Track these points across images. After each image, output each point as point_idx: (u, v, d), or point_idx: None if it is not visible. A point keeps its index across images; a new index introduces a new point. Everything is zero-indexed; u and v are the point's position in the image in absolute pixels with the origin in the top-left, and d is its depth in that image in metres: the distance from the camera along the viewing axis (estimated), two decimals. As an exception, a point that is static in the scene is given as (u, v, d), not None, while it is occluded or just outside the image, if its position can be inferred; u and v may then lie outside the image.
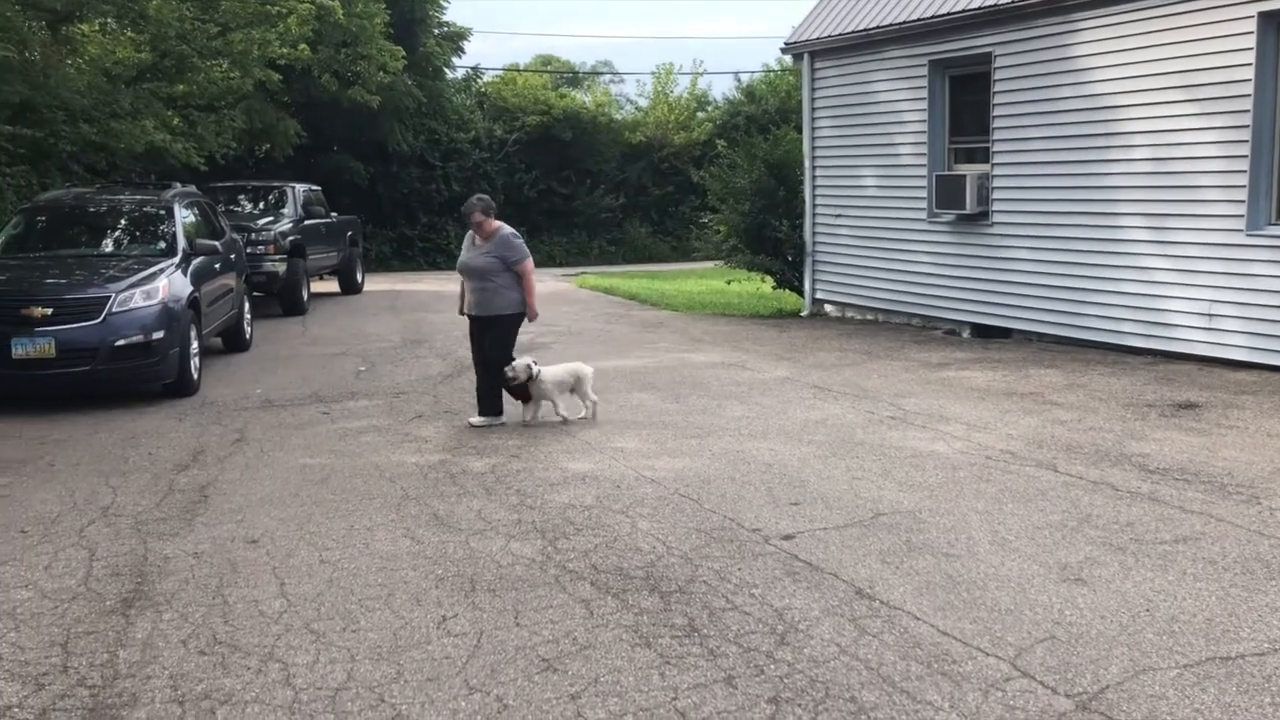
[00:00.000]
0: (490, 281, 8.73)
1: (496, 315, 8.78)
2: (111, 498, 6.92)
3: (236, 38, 18.46)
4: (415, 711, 3.98)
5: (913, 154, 13.90)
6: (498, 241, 8.78)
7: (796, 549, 5.61)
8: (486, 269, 8.74)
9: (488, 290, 8.74)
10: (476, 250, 8.82)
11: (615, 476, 7.10)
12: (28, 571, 5.56)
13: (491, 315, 8.79)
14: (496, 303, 8.77)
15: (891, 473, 7.03)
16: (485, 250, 8.76)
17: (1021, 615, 4.70)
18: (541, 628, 4.69)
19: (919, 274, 13.92)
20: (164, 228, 11.69)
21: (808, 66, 15.71)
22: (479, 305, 8.84)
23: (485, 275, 8.74)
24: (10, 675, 4.35)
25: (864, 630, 4.58)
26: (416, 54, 27.51)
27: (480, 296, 8.79)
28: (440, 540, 5.90)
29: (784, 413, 8.97)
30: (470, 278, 8.84)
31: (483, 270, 8.75)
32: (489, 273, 8.74)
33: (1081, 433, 8.00)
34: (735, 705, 3.97)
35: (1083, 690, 4.01)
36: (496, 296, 8.76)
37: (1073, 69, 11.65)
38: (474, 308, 8.89)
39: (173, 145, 17.08)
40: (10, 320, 9.62)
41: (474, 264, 8.78)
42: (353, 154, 27.61)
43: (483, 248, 8.79)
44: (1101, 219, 11.44)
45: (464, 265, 8.91)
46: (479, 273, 8.77)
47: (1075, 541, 5.63)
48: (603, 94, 36.47)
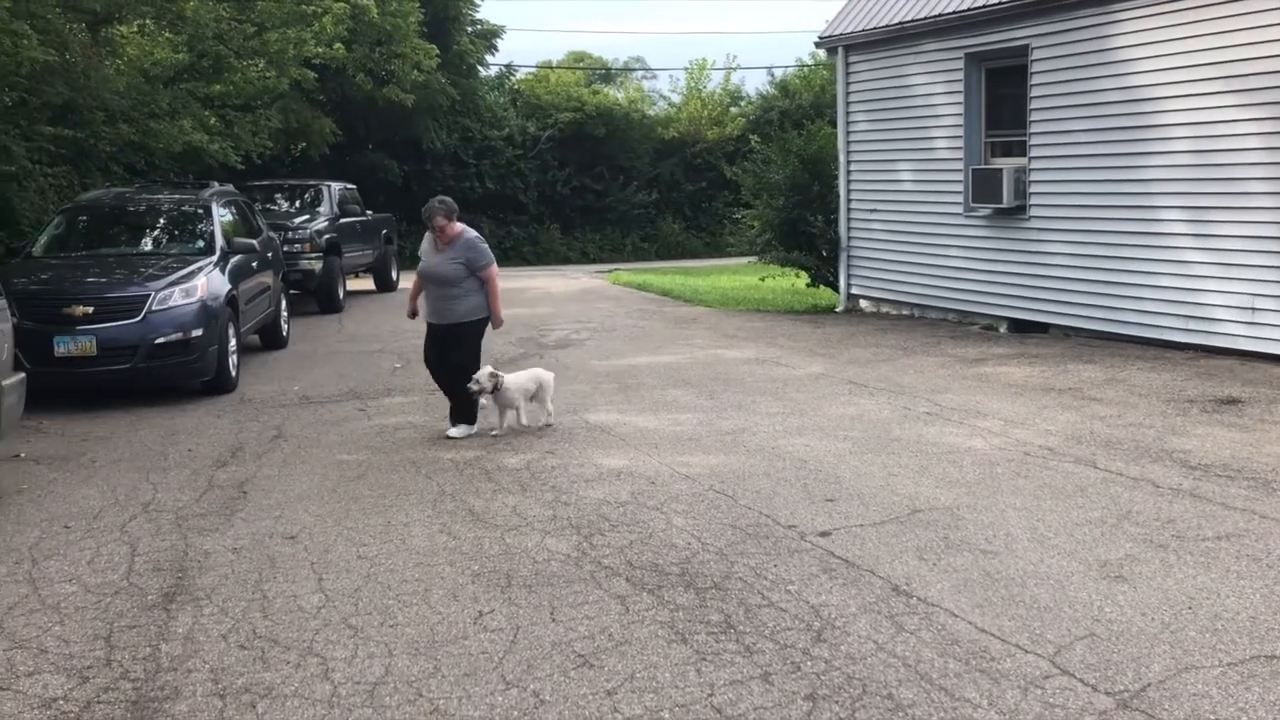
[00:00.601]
0: (455, 288, 8.30)
1: (460, 323, 8.37)
2: (152, 494, 7.00)
3: (272, 37, 18.60)
4: (453, 706, 4.00)
5: (948, 148, 13.78)
6: (462, 246, 8.35)
7: (833, 545, 5.58)
8: (452, 276, 8.29)
9: (451, 297, 8.32)
10: (439, 255, 8.35)
11: (650, 473, 7.10)
12: (71, 566, 5.64)
13: (455, 323, 8.37)
14: (460, 309, 8.35)
15: (928, 469, 6.98)
16: (450, 255, 8.30)
17: (1061, 612, 4.65)
18: (577, 623, 4.70)
19: (955, 269, 13.81)
20: (202, 226, 11.81)
21: (842, 60, 15.62)
22: (441, 313, 8.39)
23: (450, 281, 8.30)
24: (56, 668, 4.42)
25: (901, 627, 4.55)
26: (450, 52, 27.62)
27: (443, 304, 8.36)
28: (476, 536, 5.92)
29: (819, 409, 8.93)
30: (433, 284, 8.40)
31: (448, 277, 8.29)
32: (454, 279, 8.30)
33: (1121, 428, 7.91)
34: (771, 702, 3.96)
35: (1124, 688, 3.97)
36: (460, 303, 8.34)
37: (1112, 60, 11.51)
38: (435, 315, 8.44)
39: (210, 145, 17.25)
40: (52, 319, 9.76)
41: (439, 270, 8.31)
42: (387, 152, 27.78)
43: (446, 252, 8.32)
44: (1141, 212, 11.30)
45: (427, 271, 8.42)
46: (444, 279, 8.32)
47: (1115, 538, 5.57)
48: (635, 90, 36.49)
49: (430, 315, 8.50)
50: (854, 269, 15.89)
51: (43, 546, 5.97)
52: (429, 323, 8.52)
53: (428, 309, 8.52)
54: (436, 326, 8.47)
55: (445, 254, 8.31)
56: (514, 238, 30.54)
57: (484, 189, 30.11)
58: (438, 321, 8.44)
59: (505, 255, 30.05)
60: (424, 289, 8.56)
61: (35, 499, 6.95)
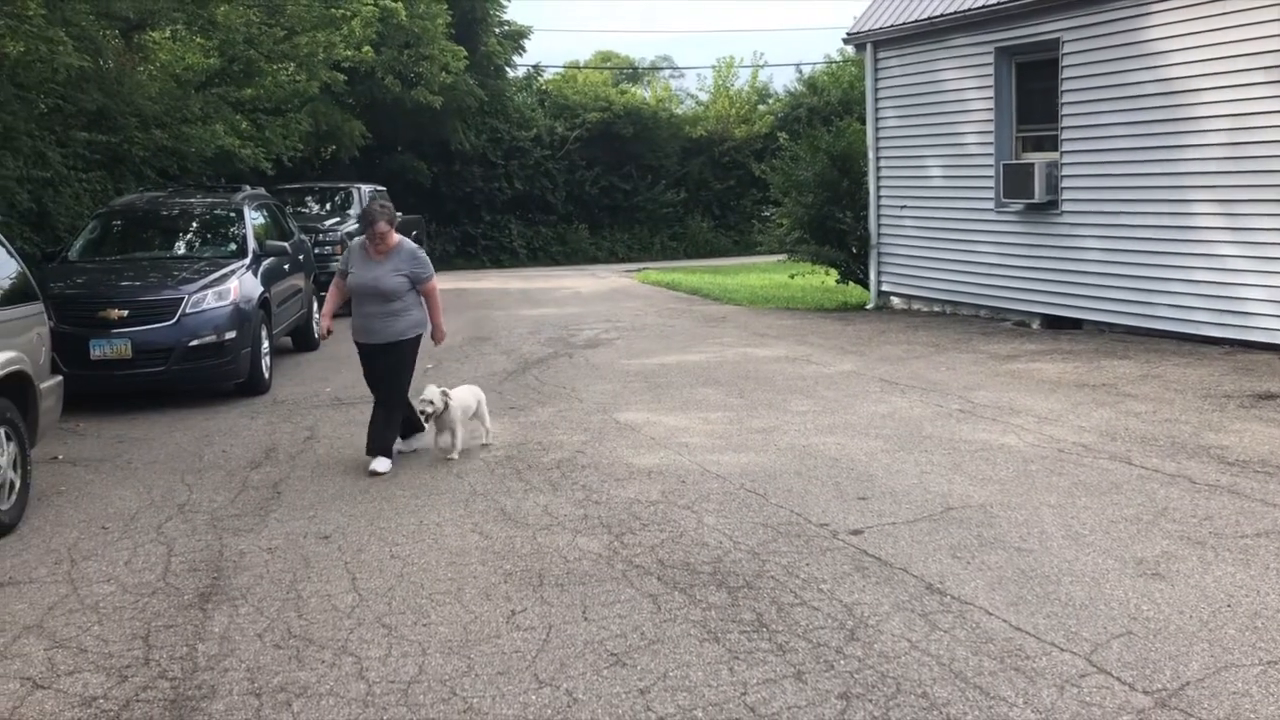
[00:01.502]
0: (397, 302, 7.54)
1: (401, 340, 7.61)
2: (188, 495, 7.07)
3: (302, 41, 18.73)
4: (486, 705, 4.02)
5: (979, 143, 13.69)
6: (405, 257, 7.60)
7: (865, 544, 5.56)
8: (395, 289, 7.50)
9: (393, 313, 7.55)
10: (376, 266, 7.53)
11: (680, 472, 7.09)
12: (109, 566, 5.70)
13: (396, 341, 7.59)
14: (400, 326, 7.59)
15: (961, 466, 6.94)
16: (391, 267, 7.52)
17: (1097, 610, 4.61)
18: (609, 622, 4.70)
19: (986, 264, 13.71)
20: (234, 230, 11.91)
21: (870, 56, 15.55)
22: (378, 331, 7.58)
23: (392, 296, 7.51)
24: (95, 667, 4.47)
25: (935, 625, 4.53)
26: (478, 54, 27.73)
27: (382, 321, 7.56)
28: (508, 535, 5.94)
29: (850, 407, 8.89)
30: (370, 299, 7.54)
31: (391, 290, 7.49)
32: (397, 293, 7.52)
33: (1157, 425, 7.83)
34: (805, 700, 3.94)
35: (1162, 687, 3.93)
36: (402, 319, 7.60)
37: (1144, 53, 11.39)
38: (371, 334, 7.62)
39: (241, 149, 17.40)
40: (89, 322, 9.87)
41: (382, 284, 7.48)
42: (416, 154, 27.92)
43: (385, 263, 7.52)
44: (1175, 206, 11.18)
45: (363, 285, 7.53)
46: (386, 293, 7.50)
47: (1152, 535, 5.51)
48: (663, 89, 36.48)
49: (362, 334, 7.66)
50: (884, 265, 15.82)
51: (81, 547, 6.05)
52: (360, 343, 7.70)
53: (356, 328, 7.68)
54: (372, 346, 7.65)
55: (385, 265, 7.53)
56: (542, 238, 30.62)
57: (512, 189, 30.20)
58: (374, 341, 7.61)
59: (534, 255, 30.22)
60: (353, 305, 7.71)
61: (73, 500, 7.03)
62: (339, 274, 7.84)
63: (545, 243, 30.59)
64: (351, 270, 7.61)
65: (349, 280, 7.63)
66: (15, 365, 6.69)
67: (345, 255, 7.83)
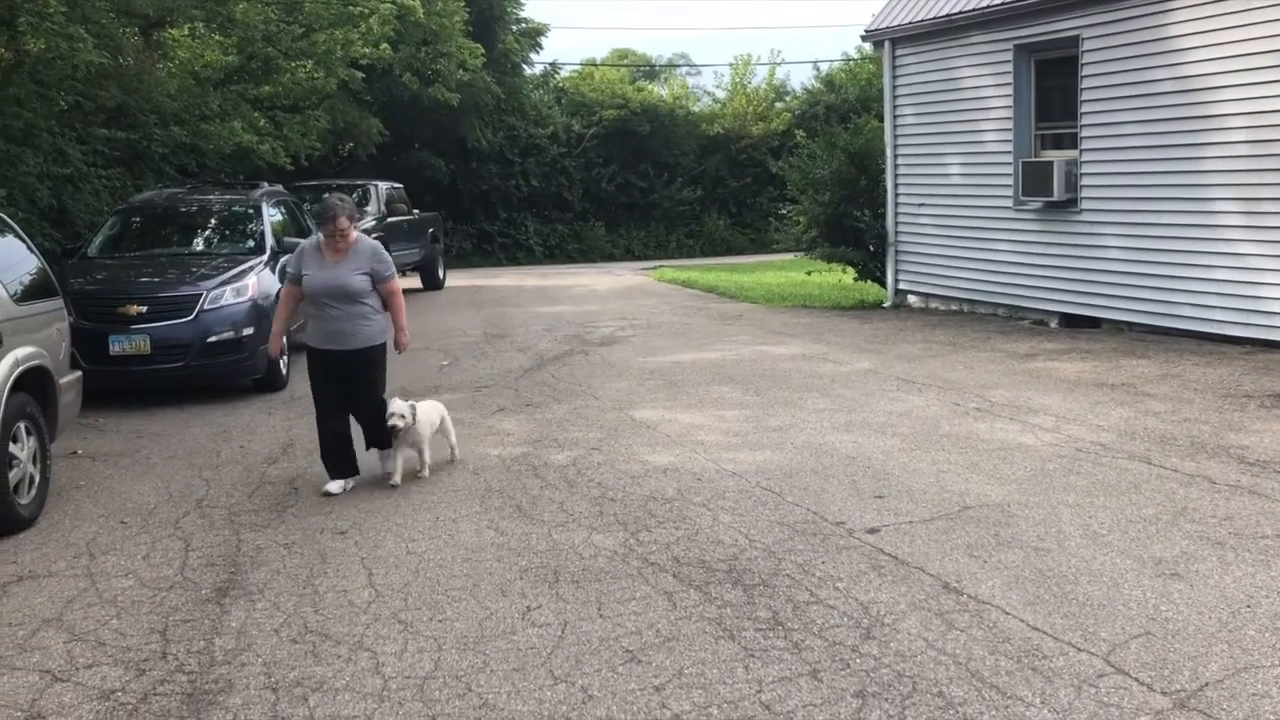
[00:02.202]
0: (360, 304, 6.89)
1: (366, 347, 6.96)
2: (205, 490, 7.10)
3: (320, 38, 18.78)
4: (502, 701, 4.02)
5: (998, 141, 13.63)
6: (367, 254, 6.98)
7: (881, 542, 5.54)
8: (359, 290, 6.87)
9: (354, 316, 6.88)
10: (335, 266, 6.89)
11: (696, 469, 7.08)
12: (128, 561, 5.73)
13: (360, 348, 6.94)
14: (367, 331, 6.94)
15: (979, 465, 6.91)
16: (352, 266, 6.89)
17: (1115, 610, 4.58)
18: (625, 619, 4.70)
19: (1005, 263, 13.65)
20: (252, 226, 11.95)
21: (888, 54, 15.50)
22: (349, 335, 6.90)
23: (355, 297, 6.87)
24: (114, 660, 4.49)
25: (952, 625, 4.51)
26: (495, 51, 27.75)
27: (343, 325, 6.88)
28: (523, 532, 5.95)
29: (867, 405, 8.87)
30: (332, 302, 6.85)
31: (355, 291, 6.86)
32: (360, 294, 6.88)
33: (1176, 424, 7.77)
34: (821, 699, 3.93)
35: (1181, 688, 3.90)
36: (365, 324, 6.93)
37: (1165, 50, 11.31)
38: (334, 340, 6.91)
39: (260, 145, 17.45)
40: (108, 318, 9.93)
41: (344, 284, 6.83)
42: (433, 151, 27.96)
43: (345, 262, 6.89)
44: (1196, 204, 11.10)
45: (322, 287, 6.85)
46: (348, 295, 6.85)
47: (1171, 535, 5.48)
48: (680, 86, 36.44)
49: (326, 340, 6.94)
50: (902, 264, 15.76)
51: (100, 541, 6.08)
52: (323, 350, 6.96)
53: (317, 334, 6.98)
54: (338, 354, 6.94)
55: (345, 265, 6.89)
56: (559, 235, 30.63)
57: (529, 187, 30.22)
58: (344, 347, 6.92)
59: (550, 253, 30.23)
60: (308, 310, 7.02)
61: (92, 495, 7.07)
62: (288, 280, 7.11)
63: (561, 240, 30.60)
64: (306, 272, 6.90)
65: (305, 283, 6.90)
66: (35, 360, 6.73)
67: (293, 259, 7.05)
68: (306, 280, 6.91)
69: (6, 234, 7.33)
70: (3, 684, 4.31)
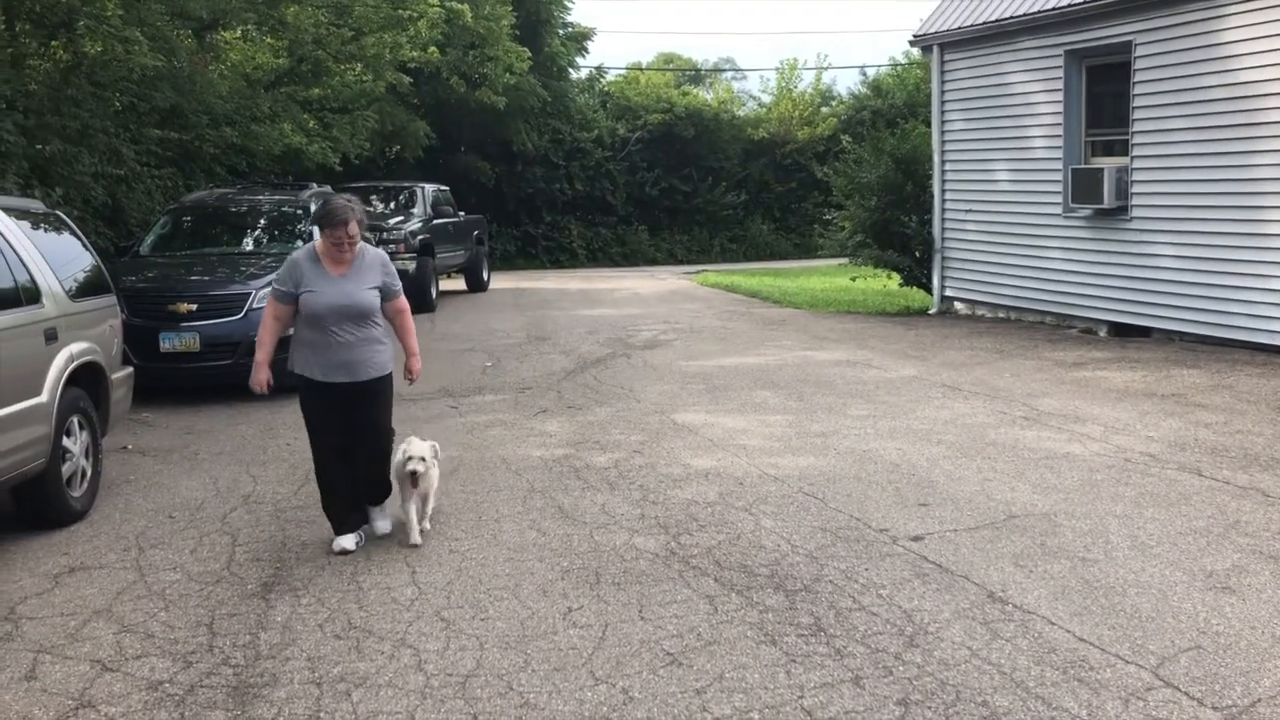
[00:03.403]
0: (372, 327, 5.81)
1: (379, 377, 5.88)
2: (252, 486, 7.19)
3: (369, 42, 18.96)
4: (543, 700, 4.03)
5: (1047, 147, 13.48)
6: (375, 266, 5.89)
7: (925, 550, 5.50)
8: (370, 307, 5.79)
9: (366, 341, 5.78)
10: (343, 281, 5.76)
11: (738, 474, 7.06)
12: (175, 555, 5.81)
13: (372, 379, 5.84)
14: (380, 359, 5.85)
15: (1025, 474, 6.83)
16: (362, 280, 5.79)
17: (1164, 623, 4.51)
18: (666, 622, 4.70)
19: (1053, 270, 13.50)
20: (301, 226, 12.09)
21: (937, 59, 15.39)
22: (359, 364, 5.77)
23: (367, 317, 5.78)
24: (162, 652, 4.56)
25: (996, 634, 4.46)
26: (541, 54, 27.87)
27: (354, 352, 5.75)
28: (565, 533, 5.96)
29: (912, 412, 8.80)
30: (341, 323, 5.71)
31: (366, 309, 5.77)
32: (371, 311, 5.80)
33: (1228, 436, 7.64)
34: (863, 706, 3.91)
35: (1232, 703, 3.83)
36: (379, 349, 5.85)
37: (1218, 56, 11.14)
38: (346, 370, 5.75)
39: (309, 147, 17.64)
40: (159, 315, 10.09)
41: (355, 301, 5.73)
42: (479, 154, 28.13)
43: (353, 276, 5.78)
44: (1249, 212, 10.91)
45: (331, 305, 5.70)
46: (359, 312, 5.75)
47: (1222, 548, 5.39)
48: (725, 90, 36.40)
49: (328, 371, 5.76)
50: (948, 270, 15.64)
51: (149, 535, 6.17)
52: (326, 383, 5.77)
53: (317, 364, 5.77)
54: (346, 387, 5.78)
55: (354, 278, 5.78)
56: (602, 239, 30.70)
57: (573, 190, 30.31)
58: (349, 379, 5.77)
59: (594, 256, 30.30)
60: (305, 334, 5.82)
61: (142, 489, 7.18)
62: (277, 298, 5.85)
63: (605, 244, 30.65)
64: (308, 289, 5.73)
65: (306, 301, 5.73)
66: (89, 356, 6.85)
67: (285, 272, 5.86)
68: (310, 299, 5.72)
69: (63, 231, 7.47)
70: (55, 672, 4.38)
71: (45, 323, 6.45)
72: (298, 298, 5.76)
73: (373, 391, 5.86)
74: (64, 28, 13.70)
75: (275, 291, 5.86)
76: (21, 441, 5.93)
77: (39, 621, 4.92)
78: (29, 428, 6.01)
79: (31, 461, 6.04)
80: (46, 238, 7.10)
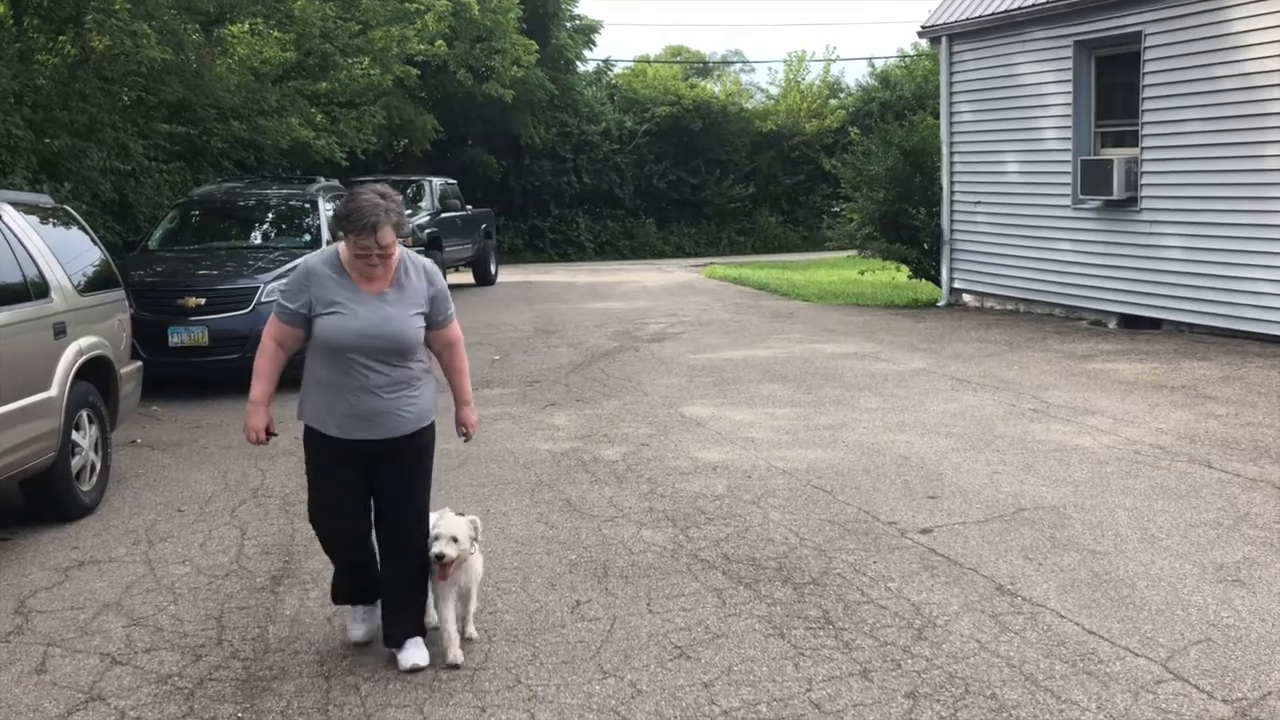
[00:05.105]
0: (412, 364, 4.35)
1: (417, 431, 4.39)
2: (261, 480, 7.20)
3: (377, 35, 18.97)
4: (551, 693, 4.03)
5: (1056, 138, 13.43)
6: (419, 282, 4.38)
7: (934, 543, 5.48)
8: (414, 341, 4.33)
9: (402, 384, 4.31)
10: (379, 301, 4.27)
11: (746, 467, 7.05)
12: (185, 548, 5.83)
13: (413, 432, 4.37)
14: (422, 404, 4.39)
15: (1034, 467, 6.81)
16: (405, 302, 4.30)
17: (1174, 616, 4.50)
18: (674, 615, 4.69)
19: (1062, 262, 13.45)
20: (309, 220, 12.10)
21: (946, 50, 15.34)
22: (382, 418, 4.28)
23: (407, 351, 4.31)
24: (171, 645, 4.57)
25: (1005, 627, 4.45)
26: (549, 47, 27.84)
27: (385, 399, 4.27)
28: (573, 526, 5.96)
29: (920, 404, 8.78)
30: (368, 360, 4.24)
31: (410, 343, 4.31)
32: (413, 346, 4.33)
33: (1238, 428, 7.61)
34: (871, 699, 3.90)
35: (1242, 696, 3.82)
36: (416, 395, 4.36)
37: (1229, 46, 11.08)
38: (368, 423, 4.27)
39: (316, 141, 17.65)
40: (167, 310, 10.10)
41: (394, 330, 4.24)
42: (486, 148, 28.11)
43: (394, 297, 4.29)
44: (1260, 204, 10.86)
45: (368, 336, 4.21)
46: (399, 348, 4.28)
47: (1232, 541, 5.37)
48: (733, 83, 36.32)
49: (347, 425, 4.29)
50: (957, 262, 15.59)
51: (158, 529, 6.19)
52: (346, 440, 4.30)
53: (334, 413, 4.30)
54: (372, 444, 4.31)
55: (395, 300, 4.29)
56: (609, 232, 30.66)
57: (580, 184, 30.27)
58: (376, 435, 4.29)
59: (601, 249, 30.28)
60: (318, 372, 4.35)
61: (150, 483, 7.20)
62: (282, 318, 4.34)
63: (612, 237, 30.62)
64: (329, 310, 4.24)
65: (326, 326, 4.24)
66: (98, 350, 6.86)
67: (295, 284, 4.33)
68: (330, 325, 4.23)
69: (71, 226, 7.48)
70: (65, 665, 4.40)
71: (54, 317, 6.47)
72: (311, 320, 4.28)
73: (406, 451, 4.34)
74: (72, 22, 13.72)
75: (279, 309, 4.33)
76: (31, 435, 5.94)
77: (49, 615, 4.93)
78: (38, 422, 6.03)
79: (41, 455, 6.06)
80: (55, 232, 7.10)
